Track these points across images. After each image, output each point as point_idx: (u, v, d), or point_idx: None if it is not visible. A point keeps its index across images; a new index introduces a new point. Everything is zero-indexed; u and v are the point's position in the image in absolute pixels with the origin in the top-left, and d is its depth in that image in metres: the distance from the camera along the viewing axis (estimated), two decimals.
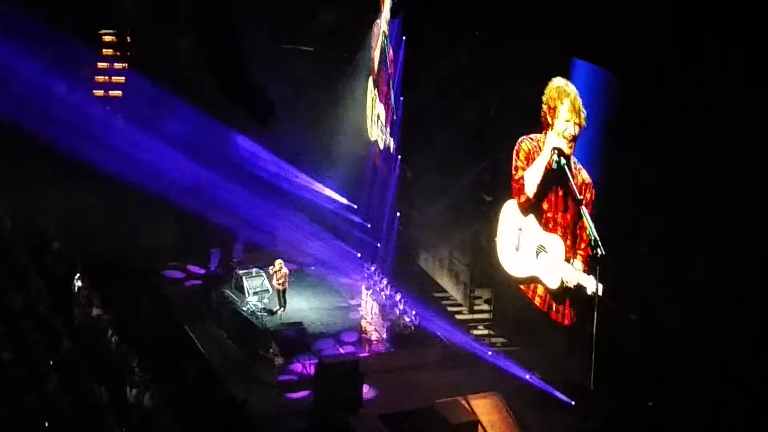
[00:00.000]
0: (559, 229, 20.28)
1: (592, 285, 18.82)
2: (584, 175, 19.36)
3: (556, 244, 20.39)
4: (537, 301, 21.20)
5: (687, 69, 16.43)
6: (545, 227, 20.80)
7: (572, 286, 19.66)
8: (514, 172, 21.88)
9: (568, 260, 19.84)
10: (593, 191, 19.08)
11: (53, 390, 16.22)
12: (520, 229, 21.63)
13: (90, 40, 28.88)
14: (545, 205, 20.73)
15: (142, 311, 23.01)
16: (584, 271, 19.21)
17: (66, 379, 16.86)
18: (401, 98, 26.84)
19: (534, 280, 21.18)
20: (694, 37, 16.15)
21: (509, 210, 22.25)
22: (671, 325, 17.42)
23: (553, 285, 20.40)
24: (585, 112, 19.17)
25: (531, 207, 21.33)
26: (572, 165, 19.54)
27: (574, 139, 19.53)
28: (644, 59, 17.16)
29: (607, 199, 18.87)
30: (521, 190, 21.64)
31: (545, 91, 20.04)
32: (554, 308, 20.72)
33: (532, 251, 21.13)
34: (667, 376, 17.57)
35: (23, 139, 24.68)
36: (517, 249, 21.81)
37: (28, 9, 24.63)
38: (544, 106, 20.09)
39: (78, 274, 21.98)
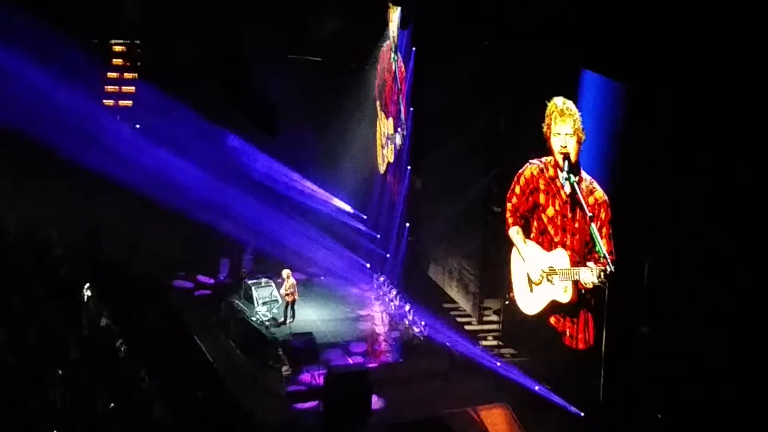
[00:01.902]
0: (560, 244, 20.22)
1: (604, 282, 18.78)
2: (598, 195, 19.22)
3: (561, 256, 20.31)
4: (567, 339, 21.03)
5: (698, 78, 16.40)
6: (548, 247, 20.72)
7: (588, 290, 19.51)
8: (509, 196, 21.97)
9: (577, 264, 19.75)
10: (608, 211, 18.95)
11: (61, 399, 16.22)
12: (529, 273, 21.55)
13: (100, 50, 28.96)
14: (554, 232, 20.59)
15: (151, 321, 23.00)
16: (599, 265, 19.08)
17: (74, 389, 16.86)
18: (411, 109, 26.86)
19: (553, 305, 20.97)
20: (705, 46, 16.13)
21: (515, 257, 22.22)
22: (682, 337, 17.35)
23: (567, 297, 20.26)
24: (584, 133, 19.20)
25: (529, 231, 21.32)
26: (583, 182, 19.42)
27: (578, 154, 19.46)
28: (655, 69, 17.13)
29: (616, 211, 18.83)
30: (519, 216, 21.67)
31: (546, 114, 20.06)
32: (568, 332, 20.64)
33: (543, 278, 20.93)
34: (676, 389, 17.49)
35: (32, 147, 24.74)
36: (531, 290, 21.65)
37: (39, 19, 24.68)
38: (546, 129, 20.13)
39: (87, 284, 22.04)
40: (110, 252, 26.27)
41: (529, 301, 21.61)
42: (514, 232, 21.92)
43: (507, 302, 22.73)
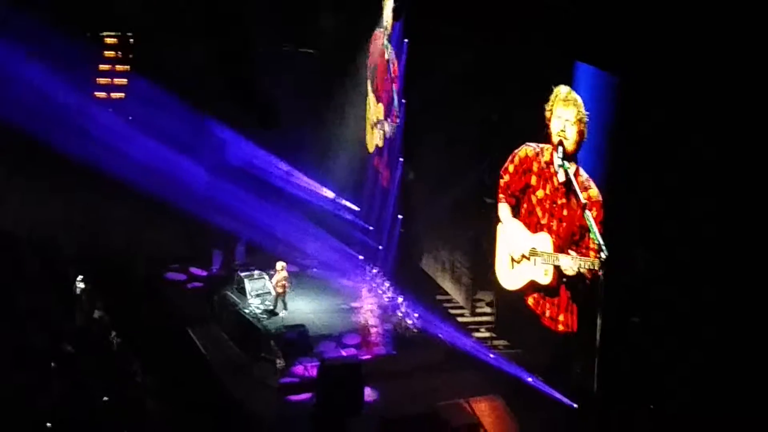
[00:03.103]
0: (546, 227, 20.25)
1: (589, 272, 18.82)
2: (593, 192, 19.19)
3: (544, 239, 20.36)
4: (530, 302, 21.16)
5: (693, 72, 16.41)
6: (533, 229, 20.79)
7: (569, 276, 19.56)
8: (502, 174, 21.93)
9: (560, 251, 19.79)
10: (600, 210, 18.94)
11: (55, 392, 16.23)
12: (511, 253, 21.64)
13: (92, 42, 28.91)
14: (541, 214, 20.61)
15: (143, 313, 23.02)
16: (582, 256, 19.10)
17: (68, 381, 16.88)
18: (403, 101, 26.85)
19: (531, 285, 21.11)
20: (701, 39, 16.14)
21: (501, 235, 22.30)
22: (674, 328, 17.40)
23: (546, 280, 20.37)
24: (587, 119, 19.12)
25: (518, 211, 21.34)
26: (579, 177, 19.40)
27: (577, 144, 19.44)
28: (649, 62, 17.14)
29: (609, 203, 18.85)
30: (509, 193, 21.68)
31: (550, 98, 19.96)
32: (547, 313, 20.70)
33: (525, 257, 21.04)
34: (669, 379, 17.55)
35: (26, 141, 24.70)
36: (512, 267, 21.77)
37: (30, 11, 24.62)
38: (548, 113, 20.04)
39: (80, 276, 22.04)
40: (103, 245, 26.26)
41: (509, 278, 21.79)
42: (503, 208, 21.98)
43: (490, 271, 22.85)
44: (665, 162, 17.24)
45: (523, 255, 21.04)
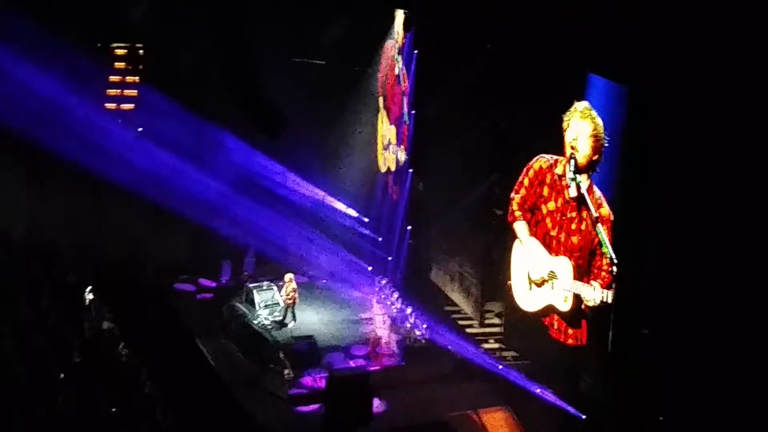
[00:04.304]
0: (567, 251, 20.02)
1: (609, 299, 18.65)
2: (604, 211, 19.05)
3: (565, 266, 20.12)
4: (553, 331, 20.89)
5: (705, 81, 16.36)
6: (553, 252, 20.52)
7: (591, 306, 19.34)
8: (517, 188, 21.74)
9: (580, 279, 19.59)
10: (611, 230, 18.81)
11: (63, 402, 16.22)
12: (529, 270, 21.35)
13: (102, 53, 28.97)
14: (551, 225, 20.42)
15: (152, 325, 23.02)
16: (603, 288, 18.94)
17: (76, 392, 16.87)
18: (413, 112, 26.87)
19: (549, 309, 20.86)
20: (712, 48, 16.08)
21: (516, 249, 22.02)
22: (684, 339, 17.33)
23: (566, 307, 20.13)
24: (606, 137, 18.99)
25: (537, 229, 21.11)
26: (592, 195, 19.25)
27: (589, 159, 19.32)
28: (661, 73, 17.08)
29: (618, 214, 18.76)
30: (526, 209, 21.48)
31: (568, 111, 19.83)
32: (556, 325, 20.53)
33: (544, 280, 20.78)
34: (679, 391, 17.47)
35: (33, 150, 24.72)
36: (530, 286, 21.47)
37: (39, 23, 24.67)
38: (564, 124, 19.90)
39: (89, 287, 22.05)
40: (112, 255, 26.28)
41: (527, 299, 21.51)
42: (520, 226, 21.77)
43: (505, 289, 22.61)
44: (679, 173, 17.20)
45: (543, 278, 20.78)
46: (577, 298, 19.78)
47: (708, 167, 16.46)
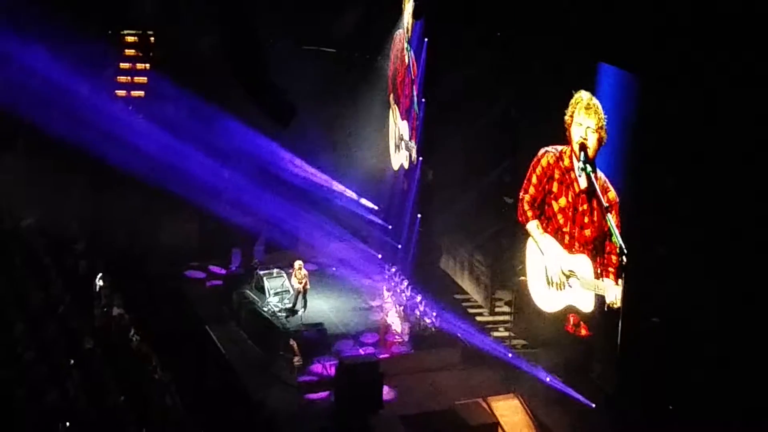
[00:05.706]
0: (584, 248, 19.93)
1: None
2: (611, 195, 19.02)
3: (584, 264, 20.01)
4: (569, 326, 20.86)
5: (712, 72, 16.31)
6: (570, 250, 20.43)
7: (610, 303, 19.23)
8: (526, 186, 21.72)
9: (599, 278, 19.49)
10: (618, 214, 18.79)
11: (74, 389, 16.27)
12: (546, 267, 21.24)
13: (112, 40, 28.99)
14: (563, 221, 20.40)
15: (163, 311, 23.08)
16: (615, 283, 18.88)
17: (86, 379, 16.92)
18: (423, 100, 26.83)
19: (569, 310, 20.81)
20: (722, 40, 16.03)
21: (532, 246, 21.93)
22: (693, 328, 17.31)
23: (588, 308, 20.04)
24: (606, 125, 18.97)
25: (548, 226, 21.10)
26: (598, 181, 19.22)
27: (596, 150, 19.30)
28: (670, 62, 17.03)
29: (627, 204, 18.75)
30: (536, 206, 21.48)
31: (570, 103, 19.81)
32: (572, 321, 20.55)
33: (563, 279, 20.72)
34: (688, 380, 17.46)
35: (45, 138, 24.76)
36: (548, 284, 21.36)
37: (50, 10, 24.68)
38: (568, 118, 19.90)
39: (100, 274, 22.12)
40: (123, 243, 26.35)
41: (546, 299, 21.45)
42: (532, 225, 21.72)
43: (518, 284, 22.64)
44: (687, 160, 17.15)
45: (562, 275, 20.69)
46: (599, 299, 19.63)
47: (717, 157, 16.44)
